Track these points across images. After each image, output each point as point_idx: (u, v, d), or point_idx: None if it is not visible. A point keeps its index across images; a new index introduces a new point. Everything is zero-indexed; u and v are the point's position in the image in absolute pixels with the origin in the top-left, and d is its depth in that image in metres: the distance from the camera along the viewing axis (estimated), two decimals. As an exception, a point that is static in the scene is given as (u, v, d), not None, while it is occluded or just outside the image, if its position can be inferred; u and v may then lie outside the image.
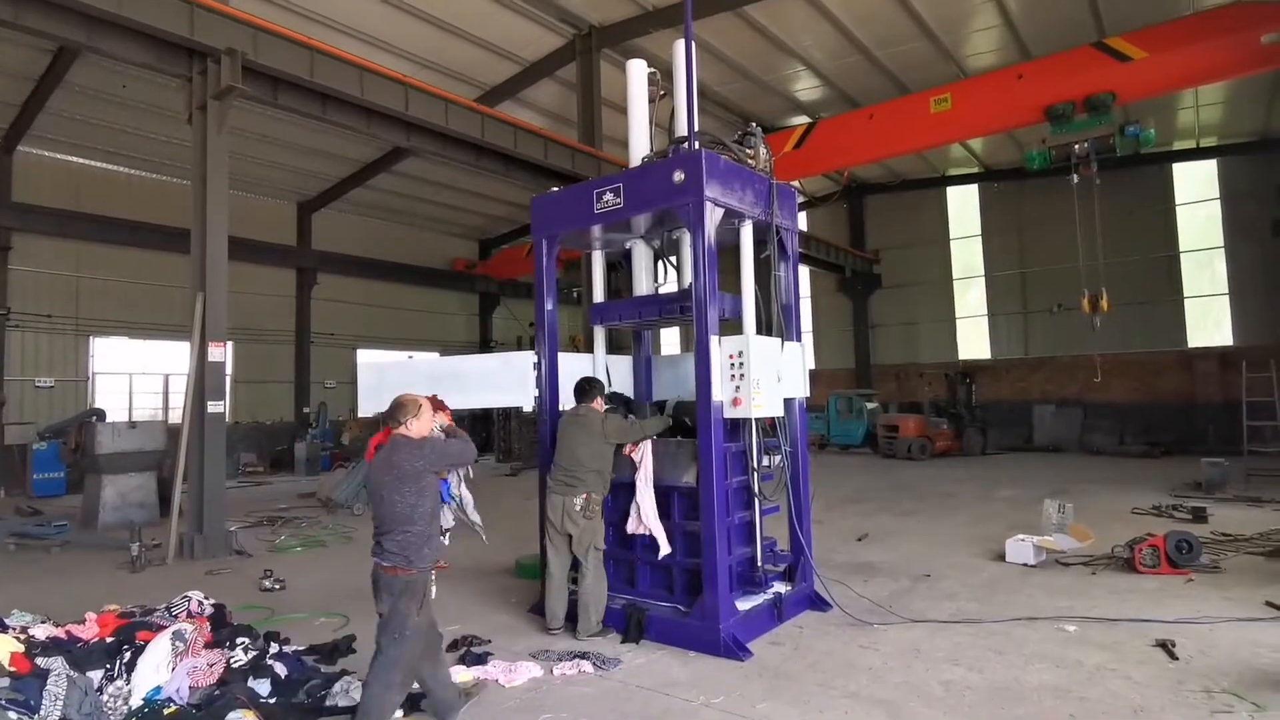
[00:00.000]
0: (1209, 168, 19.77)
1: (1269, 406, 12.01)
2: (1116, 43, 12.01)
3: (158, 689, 3.90)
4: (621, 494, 5.48)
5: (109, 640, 4.37)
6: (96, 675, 3.97)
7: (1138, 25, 12.31)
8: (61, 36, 8.25)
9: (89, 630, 4.60)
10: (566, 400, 5.81)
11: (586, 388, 5.40)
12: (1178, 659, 4.39)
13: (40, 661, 3.89)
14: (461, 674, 4.40)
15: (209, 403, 8.50)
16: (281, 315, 21.22)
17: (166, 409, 18.32)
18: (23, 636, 4.30)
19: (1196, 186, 19.91)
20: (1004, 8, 13.65)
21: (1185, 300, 19.85)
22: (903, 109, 14.58)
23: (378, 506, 3.65)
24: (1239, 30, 10.95)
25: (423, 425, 3.79)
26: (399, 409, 3.75)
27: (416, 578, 3.58)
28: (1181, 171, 20.07)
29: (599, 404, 5.38)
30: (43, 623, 4.74)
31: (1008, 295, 22.49)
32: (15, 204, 15.74)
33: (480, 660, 4.60)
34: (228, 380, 9.28)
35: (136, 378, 18.30)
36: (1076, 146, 12.47)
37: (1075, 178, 12.78)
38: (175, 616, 4.89)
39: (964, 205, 23.41)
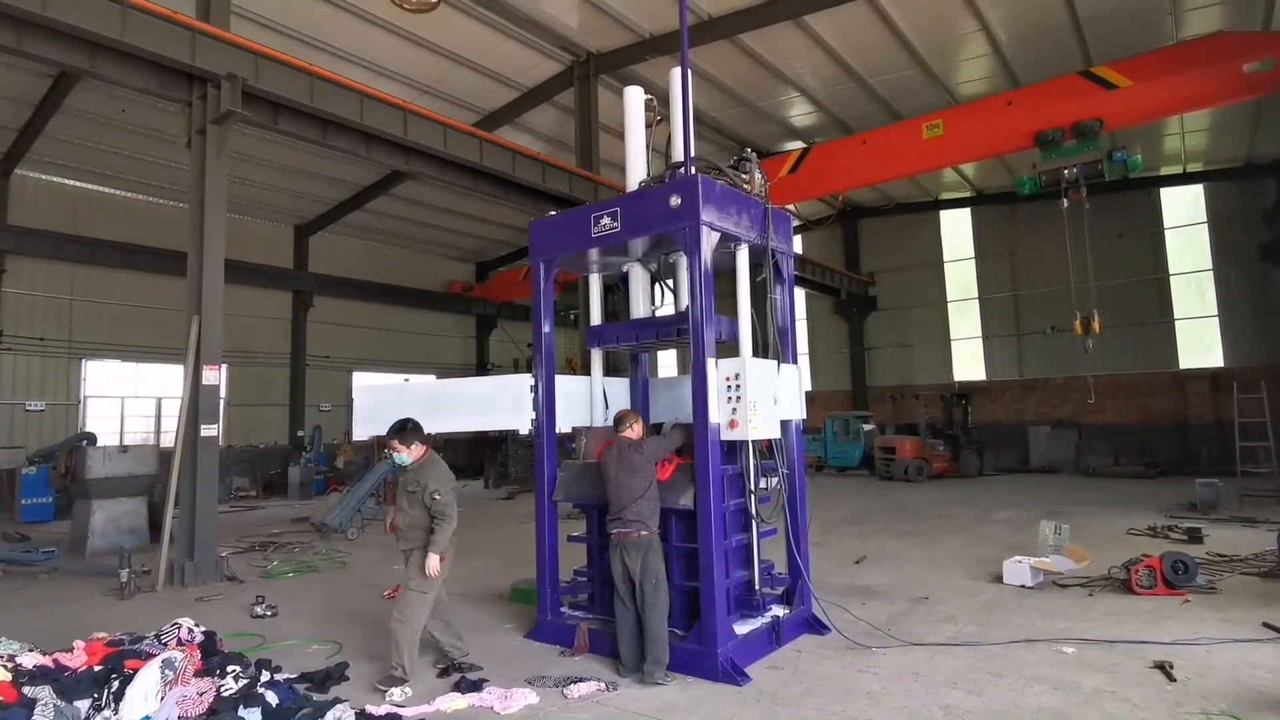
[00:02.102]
0: (1195, 192, 20.08)
1: (1261, 427, 12.08)
2: (1103, 71, 12.23)
3: (147, 718, 3.84)
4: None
5: (97, 669, 4.29)
6: (84, 705, 3.91)
7: (1124, 54, 12.55)
8: (64, 63, 8.24)
9: (77, 658, 4.53)
10: (563, 423, 5.79)
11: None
12: (1175, 681, 4.38)
13: (27, 690, 3.84)
14: (455, 701, 4.35)
15: (202, 426, 8.41)
16: (277, 338, 21.19)
17: (159, 433, 18.21)
18: (10, 665, 4.24)
19: (1184, 211, 20.21)
20: (993, 37, 13.92)
21: (1176, 322, 20.05)
22: (896, 135, 14.77)
23: (613, 489, 4.89)
24: (1222, 59, 11.17)
25: (637, 430, 5.12)
26: (624, 419, 5.12)
27: (653, 537, 4.83)
28: (1169, 196, 20.37)
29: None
30: (30, 651, 4.66)
31: (1002, 317, 22.64)
32: (11, 227, 15.76)
33: (475, 687, 4.54)
34: (221, 403, 9.22)
35: (129, 401, 18.19)
36: (1066, 171, 12.65)
37: (1065, 202, 12.95)
38: (165, 644, 4.81)
39: (957, 229, 23.66)
